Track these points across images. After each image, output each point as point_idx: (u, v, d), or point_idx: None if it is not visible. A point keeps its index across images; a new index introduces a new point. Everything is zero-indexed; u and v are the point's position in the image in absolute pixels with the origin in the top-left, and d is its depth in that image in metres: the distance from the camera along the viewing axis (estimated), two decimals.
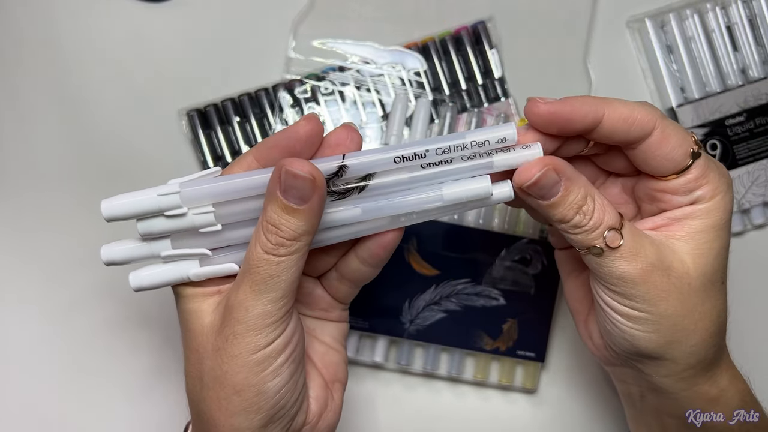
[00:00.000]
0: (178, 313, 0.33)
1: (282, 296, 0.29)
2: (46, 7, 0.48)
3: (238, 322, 0.29)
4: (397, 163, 0.30)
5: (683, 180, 0.31)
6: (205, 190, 0.30)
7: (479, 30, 0.48)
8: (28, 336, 0.46)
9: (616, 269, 0.30)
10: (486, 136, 0.30)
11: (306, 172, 0.28)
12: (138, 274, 0.32)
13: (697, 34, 0.48)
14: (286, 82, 0.47)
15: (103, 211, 0.30)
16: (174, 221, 0.30)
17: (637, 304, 0.31)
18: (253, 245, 0.29)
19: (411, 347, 0.46)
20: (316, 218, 0.29)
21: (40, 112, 0.47)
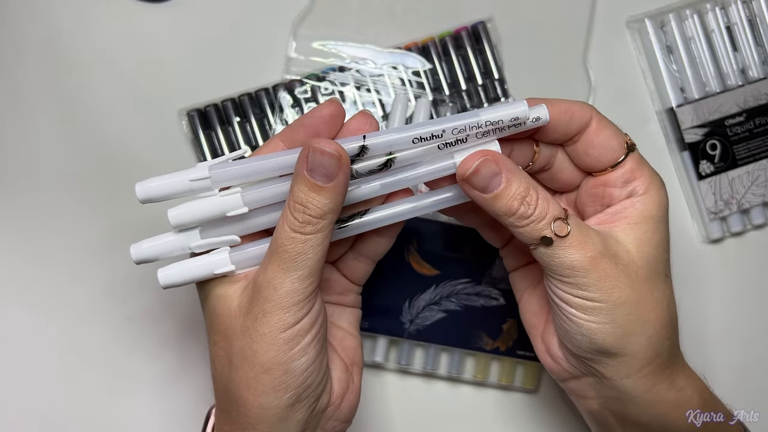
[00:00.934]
0: (204, 299, 0.33)
1: (309, 274, 0.30)
2: (46, 8, 0.48)
3: (266, 301, 0.30)
4: (415, 144, 0.31)
5: (620, 171, 0.33)
6: (235, 171, 0.31)
7: (479, 30, 0.48)
8: (27, 336, 0.46)
9: (567, 259, 0.31)
10: (500, 114, 0.31)
11: (333, 149, 0.29)
12: (166, 270, 0.33)
13: (697, 34, 0.48)
14: (287, 83, 0.47)
15: (138, 193, 0.32)
16: (202, 208, 0.31)
17: (590, 293, 0.31)
18: (281, 225, 0.30)
19: (411, 347, 0.47)
20: (341, 196, 0.30)
21: (41, 112, 0.47)
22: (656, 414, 0.33)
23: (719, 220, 0.48)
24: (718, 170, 0.48)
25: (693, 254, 0.49)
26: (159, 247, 0.33)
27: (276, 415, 0.31)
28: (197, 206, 0.32)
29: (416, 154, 0.32)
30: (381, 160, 0.32)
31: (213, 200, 0.32)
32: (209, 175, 0.31)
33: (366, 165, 0.32)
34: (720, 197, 0.48)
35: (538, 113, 0.32)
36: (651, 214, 0.33)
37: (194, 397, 0.46)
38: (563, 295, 0.32)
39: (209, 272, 0.32)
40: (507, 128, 0.32)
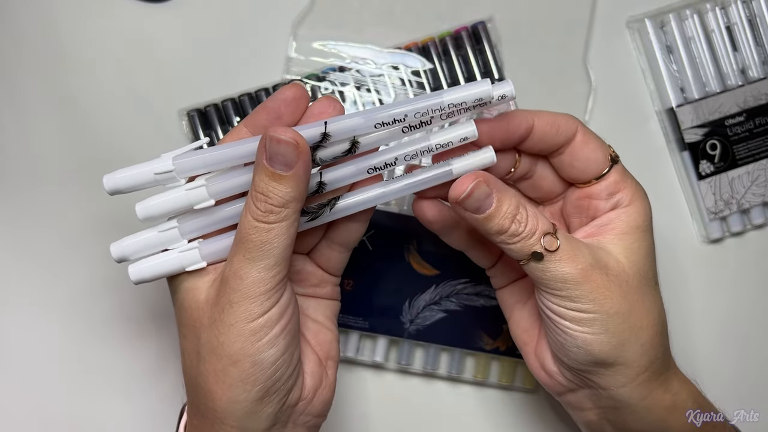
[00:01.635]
0: (174, 293, 0.33)
1: (275, 264, 0.30)
2: (46, 8, 0.48)
3: (233, 291, 0.30)
4: (377, 128, 0.31)
5: (605, 184, 0.34)
6: (198, 160, 0.31)
7: (479, 30, 0.48)
8: (27, 333, 0.46)
9: (559, 272, 0.31)
10: (463, 96, 0.31)
11: (289, 137, 0.29)
12: (138, 266, 0.33)
13: (697, 34, 0.48)
14: (287, 83, 0.47)
15: (106, 184, 0.32)
16: (169, 201, 0.32)
17: (583, 305, 0.32)
18: (244, 215, 0.30)
19: (411, 347, 0.47)
20: (303, 184, 0.30)
21: (41, 111, 0.47)
22: (653, 420, 0.34)
23: (719, 220, 0.48)
24: (718, 170, 0.48)
25: (693, 254, 0.49)
26: (138, 244, 0.33)
27: (244, 408, 0.31)
28: (164, 200, 0.32)
29: (381, 137, 0.32)
30: (345, 146, 0.32)
31: (179, 194, 0.32)
32: (173, 167, 0.31)
33: (330, 151, 0.32)
34: (720, 197, 0.48)
35: (503, 90, 0.32)
36: (637, 225, 0.34)
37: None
38: (556, 309, 0.32)
39: (180, 267, 0.32)
40: (473, 107, 0.32)
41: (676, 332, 0.48)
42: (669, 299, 0.48)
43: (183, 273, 0.33)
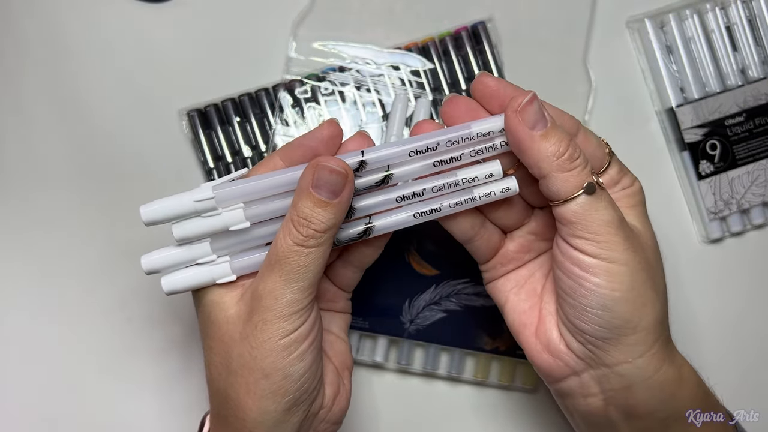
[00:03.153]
0: (199, 306, 0.34)
1: (309, 285, 0.32)
2: (47, 8, 0.48)
3: (267, 310, 0.31)
4: (411, 157, 0.33)
5: (609, 174, 0.35)
6: (237, 190, 0.33)
7: (479, 30, 0.48)
8: (28, 337, 0.46)
9: (603, 213, 0.32)
10: (490, 126, 0.33)
11: (341, 167, 0.31)
12: (170, 278, 0.34)
13: (697, 34, 0.48)
14: (287, 83, 0.47)
15: (143, 216, 0.33)
16: (206, 223, 0.33)
17: (618, 254, 0.32)
18: (282, 238, 0.31)
19: (411, 347, 0.47)
20: (344, 212, 0.32)
21: (41, 112, 0.47)
22: (663, 397, 0.33)
23: (719, 220, 0.48)
24: (717, 170, 0.48)
25: (693, 254, 0.49)
26: (168, 258, 0.34)
27: (274, 418, 0.32)
28: (200, 222, 0.33)
29: (413, 170, 0.34)
30: (379, 177, 0.33)
31: (216, 216, 0.33)
32: (213, 195, 0.32)
33: (364, 181, 0.33)
34: (720, 197, 0.48)
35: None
36: (642, 200, 0.36)
37: (194, 399, 0.46)
38: (588, 261, 0.32)
39: (211, 280, 0.34)
40: (500, 146, 0.34)
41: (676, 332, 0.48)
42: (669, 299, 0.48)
43: (210, 287, 0.34)
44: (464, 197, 0.34)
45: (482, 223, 0.36)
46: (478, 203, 0.34)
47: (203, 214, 0.33)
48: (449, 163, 0.34)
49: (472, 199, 0.34)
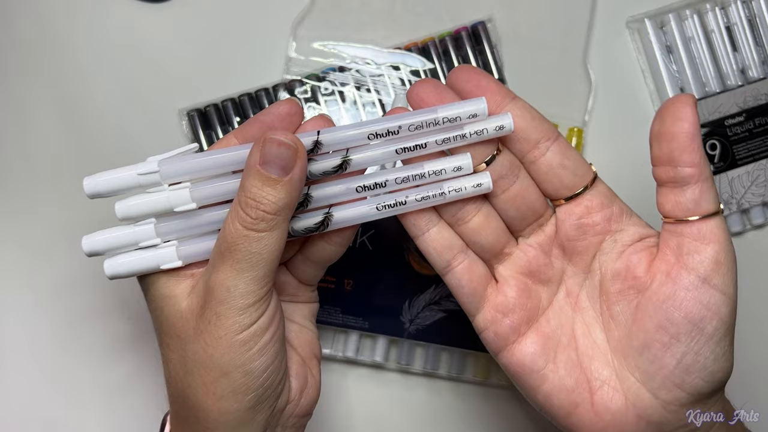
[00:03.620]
0: (150, 300, 0.32)
1: (264, 275, 0.29)
2: (46, 8, 0.48)
3: (220, 303, 0.29)
4: (370, 140, 0.30)
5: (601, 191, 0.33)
6: (185, 166, 0.30)
7: (479, 30, 0.48)
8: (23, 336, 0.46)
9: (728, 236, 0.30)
10: (457, 112, 0.30)
11: (289, 140, 0.28)
12: (113, 261, 0.32)
13: (697, 34, 0.48)
14: (287, 83, 0.47)
15: (86, 187, 0.31)
16: (151, 200, 0.31)
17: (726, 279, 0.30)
18: (230, 222, 0.29)
19: (411, 347, 0.47)
20: (297, 191, 0.29)
21: (40, 112, 0.47)
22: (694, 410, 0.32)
23: None
24: (717, 170, 0.48)
25: None
26: (111, 239, 0.32)
27: (236, 418, 0.30)
28: (145, 199, 0.31)
29: (374, 156, 0.31)
30: (336, 162, 0.31)
31: (161, 195, 0.31)
32: (158, 169, 0.30)
33: (321, 166, 0.31)
34: (720, 197, 0.48)
35: (502, 121, 0.31)
36: None
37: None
38: (712, 300, 0.30)
39: (155, 265, 0.31)
40: (470, 135, 0.31)
41: None
42: None
43: (159, 280, 0.31)
44: (432, 191, 0.31)
45: (462, 248, 0.33)
46: (448, 198, 0.31)
47: (148, 191, 0.31)
48: (413, 150, 0.31)
49: (441, 193, 0.31)
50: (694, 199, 0.30)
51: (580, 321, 0.33)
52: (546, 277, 0.33)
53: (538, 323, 0.33)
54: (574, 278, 0.33)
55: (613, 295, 0.32)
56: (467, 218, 0.32)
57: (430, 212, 0.32)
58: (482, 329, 0.33)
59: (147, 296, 0.32)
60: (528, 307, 0.33)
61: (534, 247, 0.33)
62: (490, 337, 0.33)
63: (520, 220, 0.33)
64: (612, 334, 0.32)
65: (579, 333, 0.33)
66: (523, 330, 0.33)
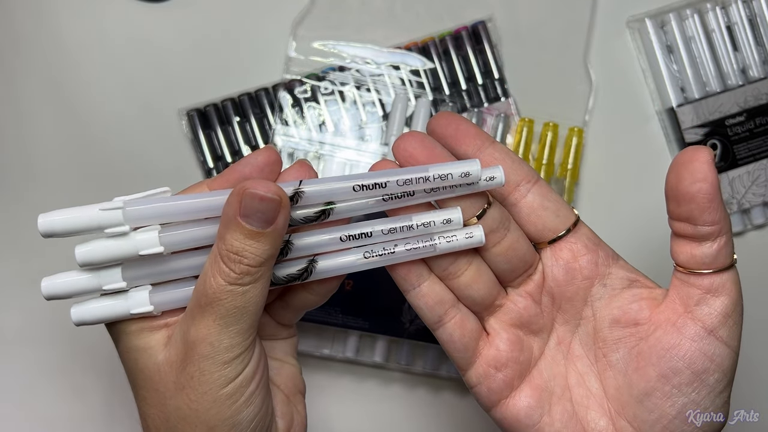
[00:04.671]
0: (123, 352, 0.30)
1: (249, 327, 0.28)
2: (46, 8, 0.48)
3: (203, 359, 0.28)
4: (356, 191, 0.29)
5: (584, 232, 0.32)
6: (152, 209, 0.28)
7: (479, 30, 0.48)
8: (22, 336, 0.46)
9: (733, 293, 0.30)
10: (449, 170, 0.29)
11: (272, 193, 0.27)
12: (82, 307, 0.30)
13: (697, 34, 0.48)
14: (286, 82, 0.47)
15: (40, 226, 0.28)
16: (115, 246, 0.28)
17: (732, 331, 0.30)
18: (211, 276, 0.27)
19: (411, 347, 0.46)
20: (281, 239, 0.28)
21: (40, 112, 0.47)
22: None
23: None
24: (718, 170, 0.48)
25: None
26: (73, 283, 0.29)
27: None
28: (108, 242, 0.28)
29: (359, 205, 0.30)
30: (318, 208, 0.29)
31: (126, 238, 0.28)
32: (122, 206, 0.28)
33: (302, 212, 0.29)
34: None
35: (493, 173, 0.30)
36: None
37: None
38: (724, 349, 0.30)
39: (125, 311, 0.29)
40: (458, 186, 0.30)
41: None
42: None
43: (132, 330, 0.29)
44: (423, 243, 0.30)
45: (453, 302, 0.32)
46: (438, 250, 0.30)
47: (109, 232, 0.28)
48: (400, 198, 0.29)
49: (432, 245, 0.30)
50: (711, 254, 0.29)
51: (574, 370, 0.33)
52: (537, 327, 0.33)
53: (530, 375, 0.32)
54: (564, 326, 0.33)
55: (612, 342, 0.32)
56: (459, 272, 0.31)
57: (420, 266, 0.31)
58: (474, 384, 0.32)
59: (118, 347, 0.31)
60: (520, 360, 0.32)
61: (524, 297, 0.32)
62: (483, 392, 0.32)
63: (510, 272, 0.32)
64: (609, 382, 0.32)
65: (573, 382, 0.32)
66: (516, 383, 0.32)
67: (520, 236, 0.32)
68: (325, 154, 0.46)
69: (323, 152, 0.46)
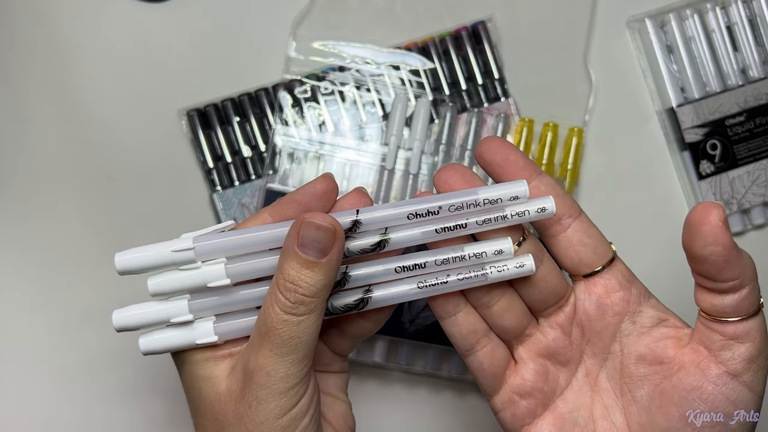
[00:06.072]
0: (187, 380, 0.31)
1: (304, 356, 0.29)
2: (46, 8, 0.48)
3: (261, 388, 0.29)
4: (410, 219, 0.30)
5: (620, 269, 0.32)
6: (220, 243, 0.30)
7: (479, 30, 0.48)
8: (22, 337, 0.46)
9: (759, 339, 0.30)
10: (498, 194, 0.30)
11: (327, 223, 0.28)
12: (148, 337, 0.31)
13: (697, 34, 0.48)
14: (286, 82, 0.47)
15: (117, 264, 0.30)
16: (184, 276, 0.30)
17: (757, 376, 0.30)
18: (270, 305, 0.29)
19: (411, 347, 0.46)
20: (335, 272, 0.29)
21: (40, 112, 0.47)
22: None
23: None
24: (718, 170, 0.48)
25: None
26: (142, 315, 0.31)
27: None
28: (178, 275, 0.30)
29: (413, 236, 0.31)
30: (374, 239, 0.30)
31: (194, 270, 0.30)
32: (193, 246, 0.30)
33: (358, 244, 0.30)
34: (720, 197, 0.48)
35: (544, 204, 0.30)
36: None
37: None
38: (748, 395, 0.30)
39: (191, 341, 0.31)
40: (510, 216, 0.31)
41: None
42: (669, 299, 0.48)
43: (197, 360, 0.31)
44: (475, 272, 0.31)
45: (486, 332, 0.33)
46: (491, 279, 0.31)
47: (181, 267, 0.30)
48: (453, 230, 0.30)
49: (483, 274, 0.31)
50: (732, 305, 0.29)
51: (599, 402, 0.33)
52: (565, 358, 0.33)
53: (554, 405, 0.33)
54: (593, 359, 0.33)
55: (637, 378, 0.32)
56: (492, 303, 0.32)
57: (457, 296, 0.32)
58: (499, 410, 0.33)
59: (182, 375, 0.32)
60: (545, 390, 0.33)
61: (554, 329, 0.33)
62: (507, 418, 0.33)
63: (541, 302, 0.32)
64: (633, 417, 0.32)
65: (598, 414, 0.33)
66: (540, 412, 0.33)
67: (552, 269, 0.32)
68: (325, 154, 0.46)
69: (323, 152, 0.46)
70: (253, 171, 0.46)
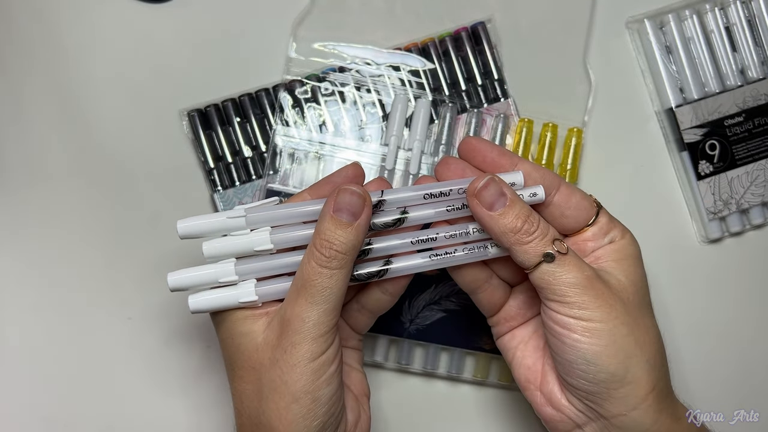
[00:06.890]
0: (227, 337, 0.35)
1: (333, 308, 0.33)
2: (46, 7, 0.48)
3: (296, 333, 0.33)
4: (426, 199, 0.36)
5: (597, 226, 0.36)
6: (267, 215, 0.35)
7: (479, 30, 0.48)
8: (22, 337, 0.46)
9: (567, 277, 0.33)
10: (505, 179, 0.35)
11: (360, 190, 0.34)
12: (196, 297, 0.35)
13: (696, 34, 0.48)
14: (287, 83, 0.47)
15: (180, 230, 0.35)
16: (234, 242, 0.35)
17: (590, 312, 0.33)
18: (307, 261, 0.33)
19: (411, 347, 0.47)
20: (363, 235, 0.34)
21: (41, 112, 0.47)
22: None
23: (718, 220, 0.48)
24: (717, 170, 0.48)
25: (692, 254, 0.49)
26: (193, 278, 0.35)
27: None
28: (228, 240, 0.35)
29: (428, 215, 0.36)
30: (396, 216, 0.35)
31: (244, 237, 0.35)
32: (245, 214, 0.35)
33: (382, 219, 0.36)
34: (719, 197, 0.48)
35: (535, 190, 0.35)
36: (632, 253, 0.36)
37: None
38: (564, 320, 0.34)
39: (235, 301, 0.35)
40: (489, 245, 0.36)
41: (677, 333, 0.48)
42: (669, 299, 0.48)
43: (236, 319, 0.35)
44: (478, 246, 0.36)
45: (487, 278, 0.38)
46: (491, 254, 0.36)
47: (232, 233, 0.35)
48: (461, 209, 0.36)
49: (485, 247, 0.36)
50: None
51: None
52: None
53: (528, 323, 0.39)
54: None
55: None
56: None
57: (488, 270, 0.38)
58: (490, 325, 0.40)
59: (221, 333, 0.36)
60: (526, 315, 0.39)
61: None
62: (494, 332, 0.40)
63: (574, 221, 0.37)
64: None
65: None
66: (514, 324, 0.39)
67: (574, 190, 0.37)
68: (325, 154, 0.46)
69: (323, 153, 0.46)
70: (254, 171, 0.46)
